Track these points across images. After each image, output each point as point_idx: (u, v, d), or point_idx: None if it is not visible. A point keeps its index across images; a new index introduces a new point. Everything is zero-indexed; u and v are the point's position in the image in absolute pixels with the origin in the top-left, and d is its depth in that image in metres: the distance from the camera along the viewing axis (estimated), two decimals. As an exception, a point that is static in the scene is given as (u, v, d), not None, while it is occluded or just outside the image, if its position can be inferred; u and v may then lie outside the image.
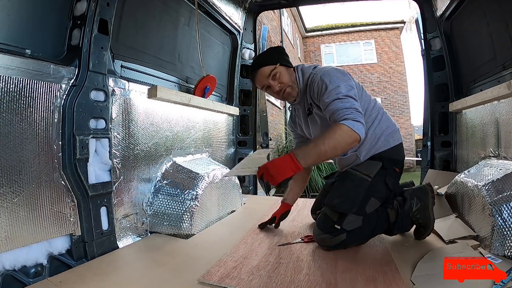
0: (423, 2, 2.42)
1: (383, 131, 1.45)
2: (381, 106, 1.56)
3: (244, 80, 2.90)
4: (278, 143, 7.57)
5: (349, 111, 1.22)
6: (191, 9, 2.08)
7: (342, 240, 1.32)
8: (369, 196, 1.36)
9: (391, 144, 1.45)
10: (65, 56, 1.27)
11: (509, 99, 1.56)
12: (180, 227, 1.59)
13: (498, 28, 1.76)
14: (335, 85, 1.29)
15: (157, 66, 1.87)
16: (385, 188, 1.39)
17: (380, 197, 1.39)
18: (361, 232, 1.35)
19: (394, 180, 1.44)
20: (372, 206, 1.36)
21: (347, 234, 1.32)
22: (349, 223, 1.32)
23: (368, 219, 1.35)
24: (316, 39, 13.40)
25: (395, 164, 1.44)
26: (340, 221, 1.32)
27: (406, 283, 1.04)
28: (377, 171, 1.39)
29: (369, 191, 1.36)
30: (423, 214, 1.41)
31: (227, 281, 1.07)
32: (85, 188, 1.26)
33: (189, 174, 1.77)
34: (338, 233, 1.32)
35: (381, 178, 1.39)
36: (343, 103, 1.24)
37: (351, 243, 1.37)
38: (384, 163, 1.41)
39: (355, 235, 1.34)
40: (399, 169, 1.45)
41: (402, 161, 1.49)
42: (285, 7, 7.32)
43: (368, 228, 1.36)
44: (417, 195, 1.43)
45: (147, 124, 1.70)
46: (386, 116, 1.51)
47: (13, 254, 1.04)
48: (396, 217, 1.40)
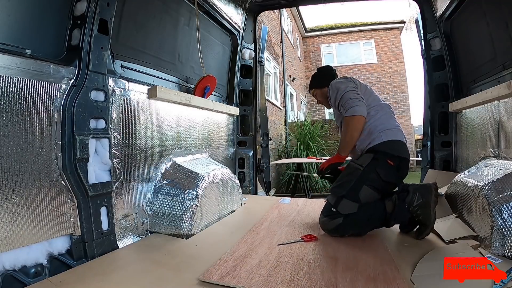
0: (423, 2, 2.42)
1: (377, 127, 1.63)
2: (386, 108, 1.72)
3: (244, 80, 2.90)
4: (278, 143, 7.57)
5: (347, 103, 1.61)
6: (191, 9, 2.08)
7: (339, 223, 1.51)
8: (361, 183, 1.54)
9: (383, 139, 1.60)
10: (65, 56, 1.27)
11: (509, 99, 1.56)
12: (180, 227, 1.59)
13: (498, 28, 1.76)
14: (336, 91, 1.70)
15: (157, 66, 1.87)
16: (377, 178, 1.54)
17: (373, 186, 1.54)
18: (356, 217, 1.50)
19: (386, 171, 1.55)
20: (366, 194, 1.53)
21: (343, 218, 1.50)
22: (344, 207, 1.51)
23: (364, 207, 1.51)
24: (316, 39, 13.39)
25: (388, 156, 1.57)
26: (336, 204, 1.54)
27: (406, 283, 1.04)
28: (369, 162, 1.57)
29: (360, 178, 1.55)
30: (424, 211, 1.45)
31: (227, 280, 1.07)
32: (85, 188, 1.26)
33: (189, 174, 1.77)
34: (335, 217, 1.52)
35: (372, 167, 1.55)
36: (342, 98, 1.65)
37: (348, 229, 1.52)
38: (375, 154, 1.58)
39: (351, 220, 1.50)
40: (393, 162, 1.56)
41: (397, 156, 1.59)
42: (285, 7, 7.33)
43: (364, 215, 1.51)
44: (420, 191, 1.49)
45: (147, 124, 1.70)
46: (387, 116, 1.68)
47: (13, 254, 1.04)
48: (393, 208, 1.51)
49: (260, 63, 3.13)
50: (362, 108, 1.59)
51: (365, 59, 12.71)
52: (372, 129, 1.62)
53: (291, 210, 2.16)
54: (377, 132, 1.61)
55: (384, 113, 1.68)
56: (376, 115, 1.65)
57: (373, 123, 1.63)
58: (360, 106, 1.58)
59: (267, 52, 7.13)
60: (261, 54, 3.25)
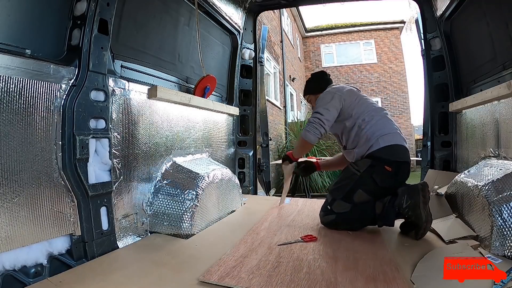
0: (423, 2, 2.42)
1: (374, 133, 1.67)
2: (380, 112, 1.77)
3: (244, 80, 2.90)
4: (278, 143, 7.57)
5: (308, 125, 1.77)
6: (191, 9, 2.08)
7: (331, 219, 1.68)
8: (356, 188, 1.63)
9: (381, 145, 1.64)
10: (65, 56, 1.27)
11: (509, 99, 1.56)
12: (180, 227, 1.59)
13: (498, 28, 1.76)
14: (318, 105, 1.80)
15: (157, 66, 1.87)
16: (372, 183, 1.61)
17: (367, 190, 1.62)
18: (347, 216, 1.63)
19: (382, 177, 1.61)
20: (360, 197, 1.62)
21: (336, 215, 1.66)
22: (338, 207, 1.66)
23: (356, 207, 1.62)
24: (316, 39, 13.39)
25: (385, 162, 1.61)
26: (331, 203, 1.69)
27: (406, 283, 1.04)
28: (366, 168, 1.63)
29: (357, 183, 1.64)
30: (414, 212, 1.47)
31: (227, 280, 1.07)
32: (85, 188, 1.26)
33: (189, 174, 1.77)
34: (329, 213, 1.69)
35: (368, 173, 1.62)
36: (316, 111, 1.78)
37: (341, 225, 1.66)
38: (373, 161, 1.63)
39: (342, 218, 1.64)
40: (391, 168, 1.60)
41: (395, 161, 1.62)
42: (285, 7, 7.34)
43: (355, 214, 1.63)
44: (407, 193, 1.52)
45: (147, 124, 1.70)
46: (383, 121, 1.72)
47: (13, 254, 1.04)
48: (382, 209, 1.57)
49: (260, 63, 3.13)
50: (315, 138, 1.76)
51: (365, 59, 12.72)
52: (369, 135, 1.67)
53: (291, 210, 2.15)
54: (375, 139, 1.65)
55: (380, 117, 1.72)
56: (371, 120, 1.70)
57: (370, 129, 1.68)
58: (315, 136, 1.74)
59: (267, 52, 7.14)
60: (261, 54, 3.25)
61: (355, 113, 1.73)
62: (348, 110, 1.75)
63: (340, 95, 1.77)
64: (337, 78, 12.91)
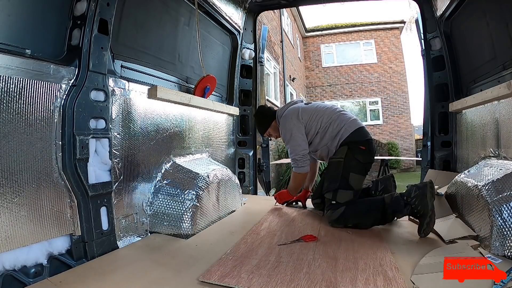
0: (423, 2, 2.42)
1: (339, 125, 1.89)
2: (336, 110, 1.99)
3: (244, 80, 2.90)
4: (278, 143, 7.57)
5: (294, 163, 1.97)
6: (191, 9, 2.08)
7: (342, 212, 1.71)
8: (347, 172, 1.78)
9: (349, 131, 1.87)
10: (65, 56, 1.27)
11: (509, 99, 1.56)
12: (180, 227, 1.59)
13: (498, 28, 1.76)
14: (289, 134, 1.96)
15: (157, 66, 1.87)
16: (357, 162, 1.80)
17: (357, 170, 1.79)
18: (356, 207, 1.71)
19: (362, 155, 1.83)
20: (355, 180, 1.77)
21: (345, 207, 1.71)
22: (341, 197, 1.74)
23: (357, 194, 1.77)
24: (316, 39, 13.38)
25: (358, 144, 1.84)
26: (334, 197, 1.77)
27: (406, 283, 1.04)
28: (345, 152, 1.82)
29: (345, 168, 1.79)
30: (421, 200, 1.54)
31: (227, 280, 1.07)
32: (85, 188, 1.26)
33: (189, 174, 1.77)
34: (337, 207, 1.73)
35: (351, 156, 1.81)
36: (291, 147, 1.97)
37: (351, 218, 1.69)
38: (348, 145, 1.83)
39: (351, 208, 1.70)
40: (364, 147, 1.85)
41: (364, 140, 1.87)
42: (285, 7, 7.33)
43: (363, 205, 1.72)
44: (416, 185, 1.63)
45: (147, 124, 1.70)
46: (342, 116, 1.94)
47: (13, 254, 1.04)
48: (391, 200, 1.67)
49: (260, 63, 3.13)
50: (306, 167, 1.96)
51: (365, 59, 12.72)
52: (336, 129, 1.89)
53: (291, 210, 2.16)
54: (343, 129, 1.88)
55: (338, 114, 1.95)
56: (337, 119, 1.92)
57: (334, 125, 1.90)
58: (305, 166, 1.95)
59: (267, 52, 7.13)
60: (261, 54, 3.25)
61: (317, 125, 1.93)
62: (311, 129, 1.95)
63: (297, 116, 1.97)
64: (337, 78, 12.92)
